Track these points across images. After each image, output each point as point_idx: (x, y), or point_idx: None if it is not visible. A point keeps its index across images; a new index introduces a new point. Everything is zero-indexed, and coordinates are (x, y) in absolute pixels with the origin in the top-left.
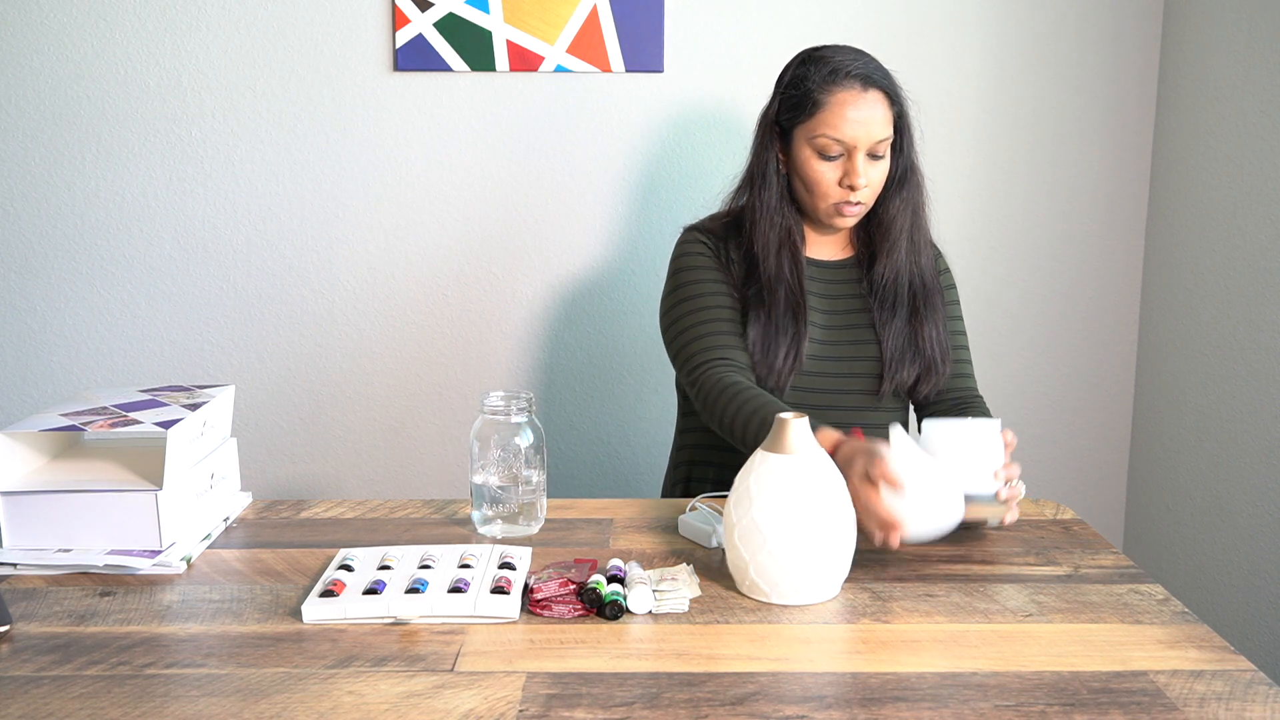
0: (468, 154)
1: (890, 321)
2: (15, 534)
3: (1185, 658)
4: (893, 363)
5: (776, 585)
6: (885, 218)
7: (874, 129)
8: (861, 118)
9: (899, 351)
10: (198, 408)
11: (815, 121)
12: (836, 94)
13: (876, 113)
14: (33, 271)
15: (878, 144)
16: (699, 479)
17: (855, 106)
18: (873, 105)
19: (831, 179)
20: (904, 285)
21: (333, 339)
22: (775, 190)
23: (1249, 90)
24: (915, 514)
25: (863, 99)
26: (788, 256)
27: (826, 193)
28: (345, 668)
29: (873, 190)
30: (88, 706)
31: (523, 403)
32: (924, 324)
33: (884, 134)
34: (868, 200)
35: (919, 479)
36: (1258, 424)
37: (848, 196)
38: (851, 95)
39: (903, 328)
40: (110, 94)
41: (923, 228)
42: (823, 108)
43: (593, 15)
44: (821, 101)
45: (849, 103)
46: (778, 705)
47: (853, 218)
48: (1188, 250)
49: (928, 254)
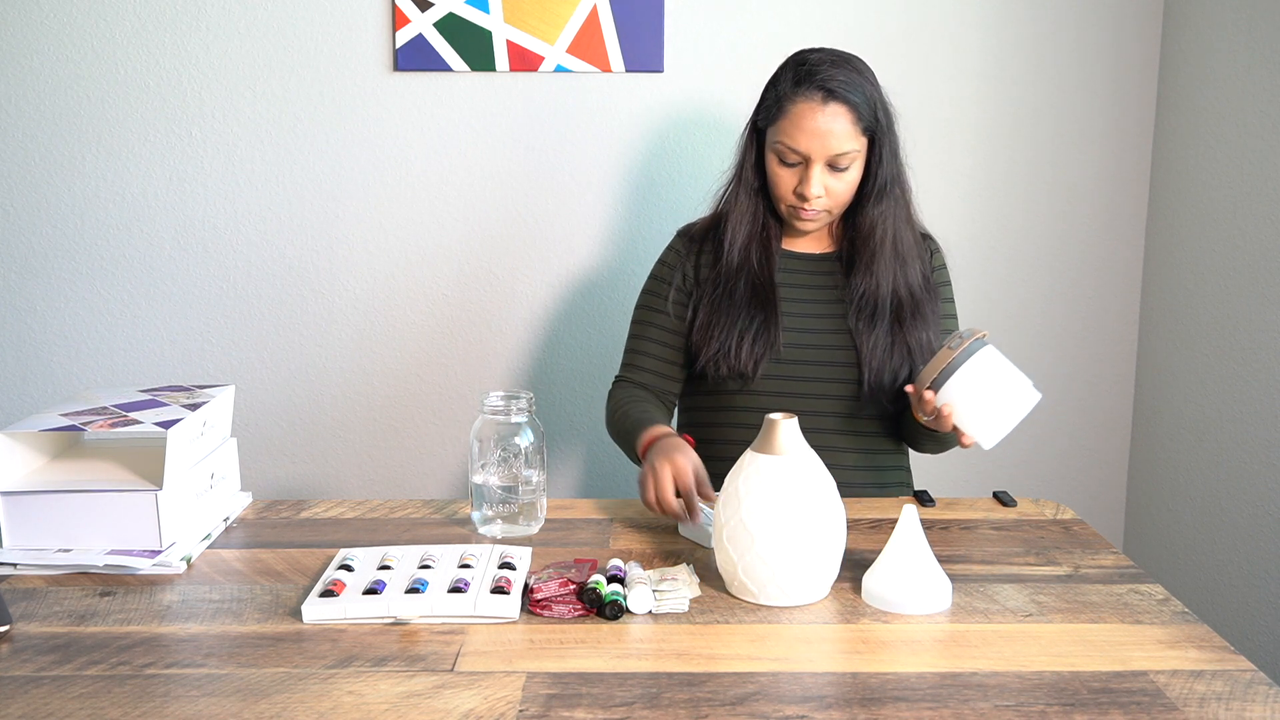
0: (468, 154)
1: (869, 331)
2: (15, 534)
3: (1185, 658)
4: (873, 371)
5: (764, 586)
6: (863, 227)
7: (830, 142)
8: (819, 130)
9: (880, 360)
10: (198, 408)
11: (777, 127)
12: (798, 103)
13: (836, 125)
14: (33, 271)
15: (837, 157)
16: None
17: (813, 118)
18: (832, 118)
19: (788, 185)
20: (886, 298)
21: (333, 338)
22: (750, 187)
23: (1249, 90)
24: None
25: (821, 112)
26: (757, 249)
27: (783, 196)
28: (345, 668)
29: (835, 200)
30: (88, 706)
31: (523, 403)
32: (910, 333)
33: (844, 148)
34: (829, 208)
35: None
36: (1258, 424)
37: (802, 204)
38: (811, 107)
39: (884, 338)
40: (110, 94)
41: (907, 241)
42: (784, 115)
43: (593, 15)
44: (785, 109)
45: (807, 114)
46: (778, 705)
47: (811, 223)
48: (1188, 250)
49: (914, 267)
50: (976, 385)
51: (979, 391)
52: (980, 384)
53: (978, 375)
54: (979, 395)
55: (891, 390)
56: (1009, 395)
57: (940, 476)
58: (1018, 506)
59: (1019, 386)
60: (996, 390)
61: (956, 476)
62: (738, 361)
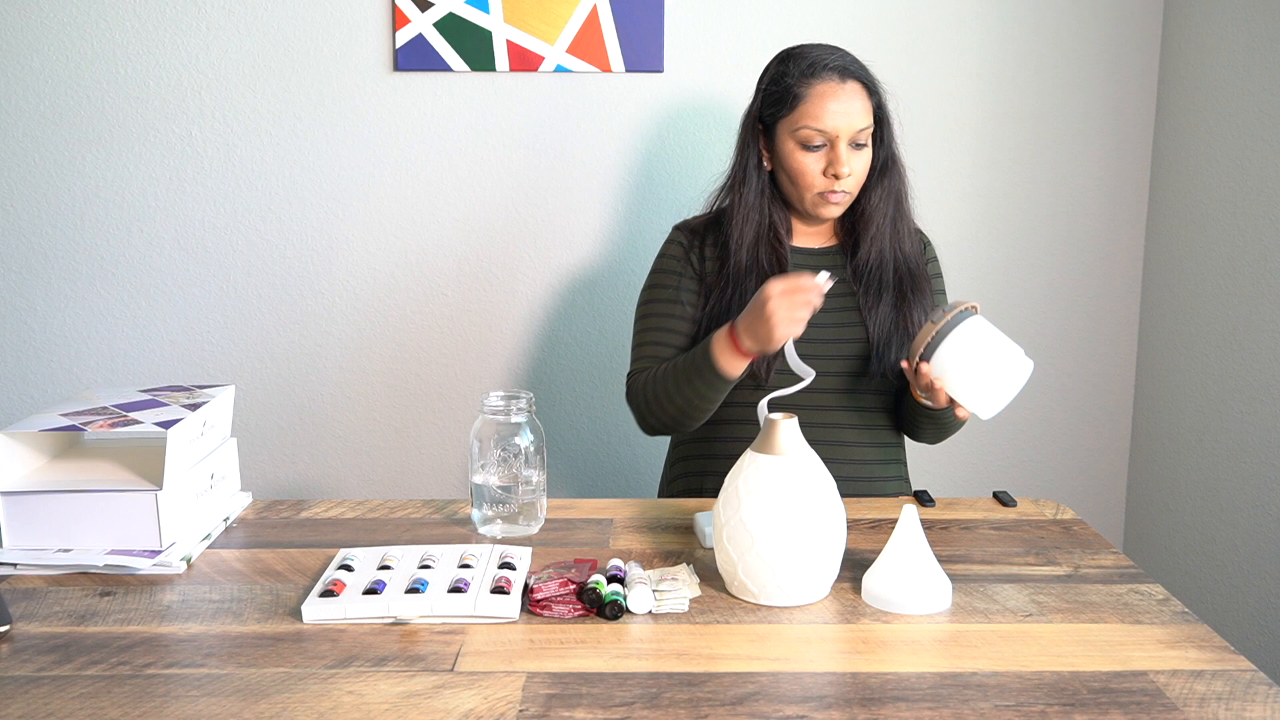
0: (467, 154)
1: (876, 306)
2: (15, 534)
3: (1185, 658)
4: (880, 345)
5: (764, 587)
6: (868, 207)
7: (854, 118)
8: (841, 108)
9: (886, 335)
10: (198, 408)
11: (797, 114)
12: (816, 86)
13: (855, 103)
14: (33, 271)
15: (859, 133)
16: (696, 473)
17: (835, 98)
18: (851, 96)
19: (816, 169)
20: (889, 270)
21: (333, 339)
22: (755, 187)
23: (1249, 90)
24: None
25: (842, 90)
26: (766, 249)
27: (811, 183)
28: (345, 668)
29: (857, 179)
30: (88, 706)
31: (523, 403)
32: (912, 309)
33: (864, 123)
34: (852, 189)
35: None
36: (1258, 424)
37: (833, 185)
38: (830, 87)
39: (889, 312)
40: (110, 94)
41: (906, 215)
42: (804, 100)
43: (593, 15)
44: (802, 95)
45: (828, 94)
46: (778, 705)
47: (838, 206)
48: (1188, 250)
49: (912, 240)
50: (967, 352)
51: (970, 359)
52: (970, 351)
53: (967, 342)
54: (970, 363)
55: (896, 366)
56: (1001, 362)
57: (940, 476)
58: (1018, 506)
59: (1011, 353)
60: (987, 357)
61: (956, 476)
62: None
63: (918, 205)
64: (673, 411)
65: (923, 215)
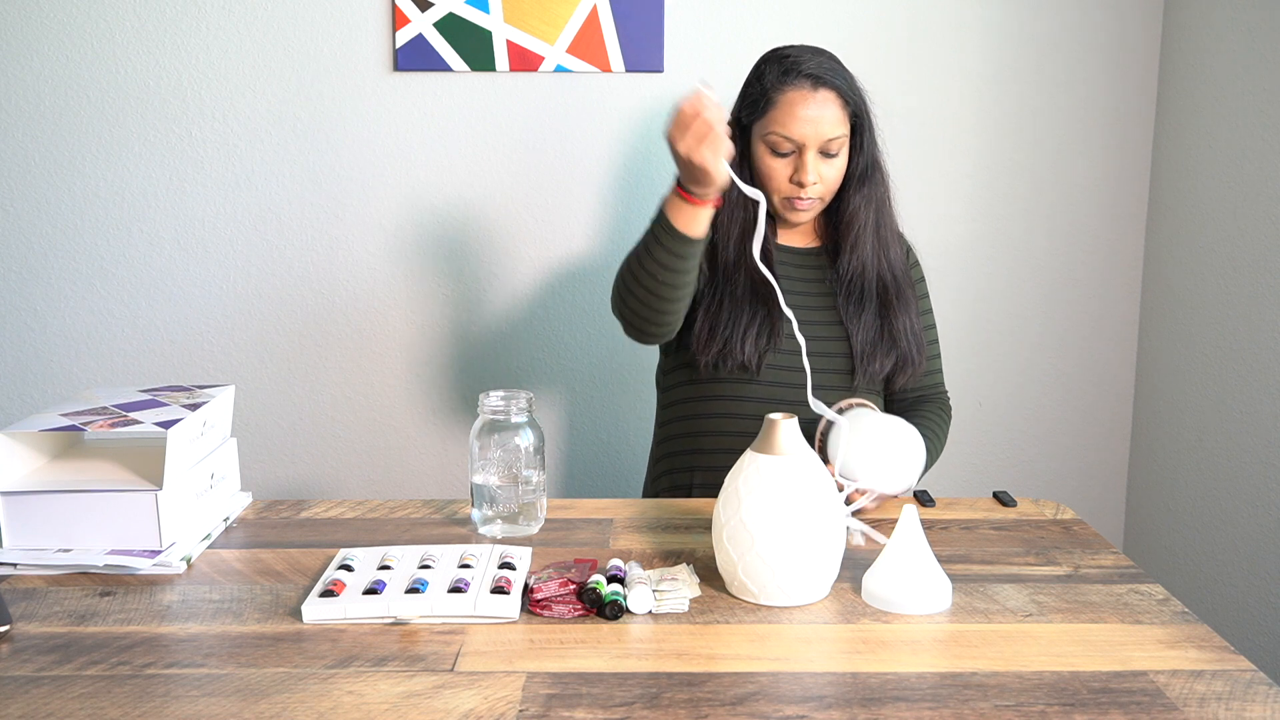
0: (467, 154)
1: (859, 315)
2: (15, 534)
3: (1185, 658)
4: (864, 355)
5: (764, 587)
6: (847, 213)
7: (823, 127)
8: (811, 116)
9: (870, 344)
10: (198, 408)
11: (768, 119)
12: (787, 93)
13: (827, 112)
14: (33, 271)
15: (829, 142)
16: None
17: (805, 105)
18: (823, 104)
19: (783, 175)
20: (871, 280)
21: (333, 339)
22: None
23: (1249, 90)
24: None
25: (813, 98)
26: (751, 244)
27: (778, 188)
28: (345, 668)
29: (826, 187)
30: (88, 706)
31: (523, 403)
32: (897, 317)
33: (835, 133)
34: (821, 195)
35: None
36: (1258, 424)
37: (798, 192)
38: (801, 94)
39: (872, 321)
40: (110, 94)
41: (888, 223)
42: (774, 105)
43: (593, 15)
44: (774, 100)
45: (799, 101)
46: (778, 705)
47: (805, 212)
48: (1188, 250)
49: (896, 248)
50: (856, 447)
51: (865, 455)
52: (863, 449)
53: (854, 438)
54: (867, 458)
55: (881, 376)
56: (892, 449)
57: (940, 476)
58: (1018, 506)
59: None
60: (879, 449)
61: (956, 476)
62: (743, 355)
63: (918, 206)
64: (649, 286)
65: (922, 216)
